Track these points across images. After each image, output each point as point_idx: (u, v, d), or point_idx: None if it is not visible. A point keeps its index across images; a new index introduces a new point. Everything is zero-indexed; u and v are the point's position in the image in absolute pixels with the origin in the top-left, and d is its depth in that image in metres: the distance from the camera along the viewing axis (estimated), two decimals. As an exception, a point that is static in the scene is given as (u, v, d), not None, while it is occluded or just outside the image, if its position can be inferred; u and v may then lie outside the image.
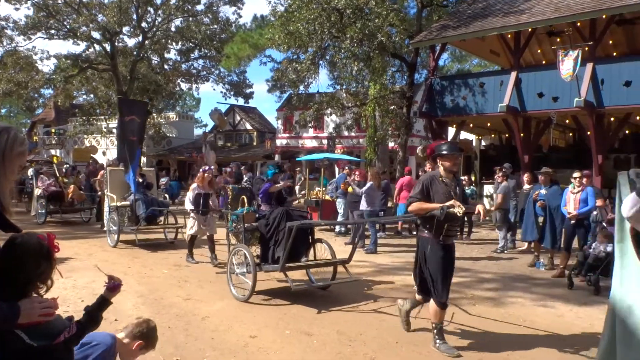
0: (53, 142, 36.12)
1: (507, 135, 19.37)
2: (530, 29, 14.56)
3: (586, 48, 13.06)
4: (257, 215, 6.64)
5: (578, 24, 13.63)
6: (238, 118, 35.09)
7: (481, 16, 15.70)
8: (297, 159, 23.90)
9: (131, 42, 27.96)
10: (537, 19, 13.80)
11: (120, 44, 26.55)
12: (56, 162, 16.55)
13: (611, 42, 16.81)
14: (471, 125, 18.81)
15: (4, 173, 1.93)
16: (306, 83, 17.02)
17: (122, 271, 7.58)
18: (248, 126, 34.88)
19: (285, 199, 7.18)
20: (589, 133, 13.95)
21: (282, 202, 6.94)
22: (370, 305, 5.99)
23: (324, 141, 26.62)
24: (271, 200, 6.79)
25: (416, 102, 17.80)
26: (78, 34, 24.38)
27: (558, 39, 15.02)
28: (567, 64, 12.85)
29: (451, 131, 18.12)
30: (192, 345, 4.56)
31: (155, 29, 26.62)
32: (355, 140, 25.64)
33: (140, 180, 10.30)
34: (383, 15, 14.55)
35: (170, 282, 7.00)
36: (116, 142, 28.40)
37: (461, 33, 15.27)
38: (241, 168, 16.04)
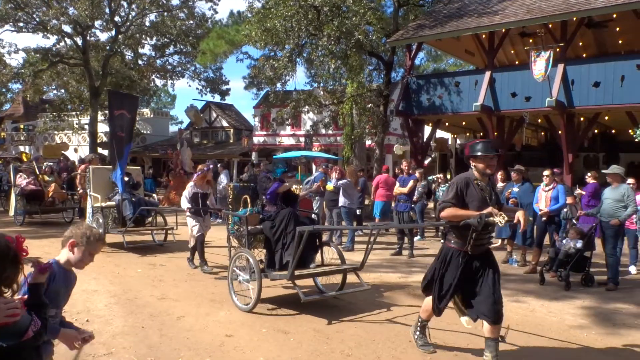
0: (22, 139, 35.14)
1: (482, 133, 19.67)
2: (503, 30, 14.81)
3: (557, 49, 13.35)
4: (262, 216, 6.22)
5: (550, 26, 13.93)
6: (214, 115, 34.74)
7: (456, 16, 15.89)
8: (275, 157, 23.77)
9: (104, 37, 27.56)
10: (510, 20, 14.05)
11: (92, 38, 25.92)
12: (26, 160, 16.12)
13: (581, 44, 17.24)
14: (447, 123, 19.05)
15: None
16: (283, 80, 16.94)
17: (95, 270, 7.43)
18: (224, 123, 34.57)
19: (294, 199, 6.69)
20: (560, 132, 14.29)
21: (291, 203, 6.41)
22: (347, 303, 6.01)
23: (302, 139, 26.58)
24: (277, 200, 6.30)
25: (393, 101, 17.92)
26: (48, 27, 23.72)
27: (531, 40, 15.32)
28: (539, 65, 13.13)
29: (427, 130, 18.32)
30: (167, 345, 4.50)
31: (128, 24, 26.11)
32: (332, 138, 25.66)
33: (126, 179, 9.65)
34: (360, 13, 14.59)
35: (144, 282, 6.90)
36: (88, 139, 27.83)
37: (437, 33, 15.44)
38: (218, 166, 15.89)
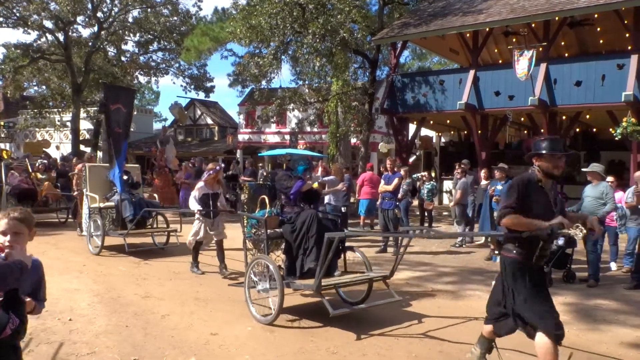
0: (2, 136, 34.50)
1: (466, 132, 19.87)
2: (487, 29, 14.95)
3: (540, 48, 13.51)
4: (281, 218, 5.69)
5: (533, 25, 14.10)
6: (199, 112, 34.49)
7: (441, 15, 16.00)
8: (260, 154, 23.75)
9: (86, 33, 27.04)
10: (494, 19, 14.18)
11: (74, 34, 25.54)
12: (6, 157, 15.76)
13: (563, 44, 17.47)
14: (431, 122, 19.17)
15: None
16: (268, 78, 16.89)
17: (77, 269, 7.35)
18: (209, 121, 34.35)
19: (317, 198, 6.23)
20: (543, 131, 14.46)
21: (312, 203, 5.92)
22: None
23: (287, 137, 26.53)
24: (298, 201, 5.80)
25: (378, 99, 17.98)
26: (29, 23, 23.29)
27: (514, 39, 15.49)
28: (523, 64, 13.28)
29: (412, 128, 18.42)
30: (151, 344, 4.46)
31: (111, 20, 25.77)
32: (317, 136, 25.66)
33: (125, 178, 9.08)
34: (345, 11, 14.60)
35: (128, 280, 6.83)
36: (70, 136, 27.44)
37: (422, 31, 15.52)
38: (202, 163, 15.78)
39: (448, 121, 19.09)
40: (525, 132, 21.39)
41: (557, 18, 13.69)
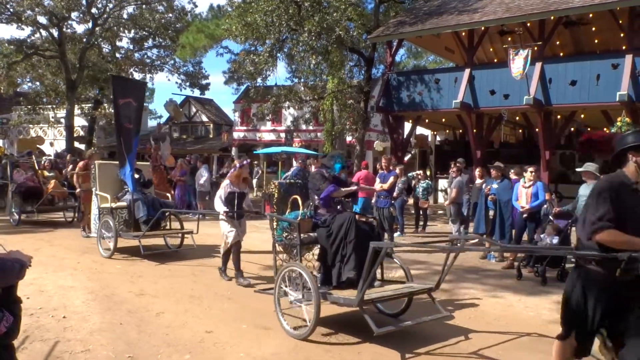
0: (-5, 132, 34.29)
1: (461, 130, 19.90)
2: (483, 28, 14.97)
3: (535, 48, 13.55)
4: (314, 221, 5.22)
5: (528, 24, 14.13)
6: (194, 110, 34.40)
7: (436, 13, 16.00)
8: (255, 152, 23.71)
9: (80, 29, 27.07)
10: (490, 18, 14.21)
11: (68, 30, 25.36)
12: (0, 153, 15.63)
13: (558, 43, 17.54)
14: (427, 120, 19.20)
15: None
16: (264, 75, 16.87)
17: (72, 267, 7.32)
18: (204, 118, 34.26)
19: (353, 196, 5.92)
20: (538, 130, 14.53)
21: (350, 202, 5.53)
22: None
23: (282, 134, 26.53)
24: (332, 203, 5.38)
25: (373, 97, 17.98)
26: (22, 18, 23.12)
27: (509, 38, 15.52)
28: (518, 63, 13.30)
29: (407, 126, 18.44)
30: (146, 341, 4.45)
31: (106, 16, 25.63)
32: (313, 134, 25.66)
33: (136, 176, 8.61)
34: (341, 9, 14.59)
35: (122, 278, 6.80)
36: (64, 133, 27.28)
37: (417, 29, 15.52)
38: (197, 161, 15.74)
39: (443, 120, 19.13)
40: (520, 131, 21.47)
41: (553, 17, 13.72)
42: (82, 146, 29.23)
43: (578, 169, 7.78)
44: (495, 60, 18.64)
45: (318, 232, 5.04)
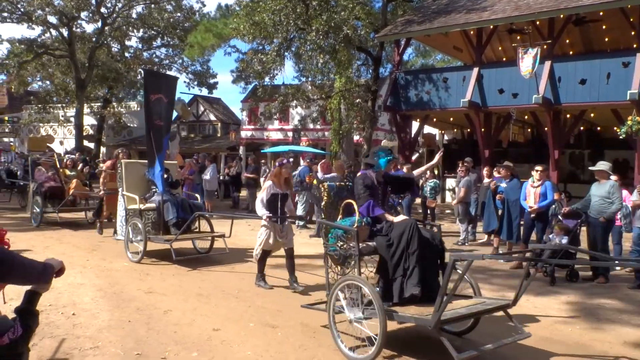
0: (6, 130, 34.60)
1: (469, 130, 19.80)
2: (491, 26, 14.88)
3: (545, 46, 13.45)
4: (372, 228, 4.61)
5: (537, 23, 14.03)
6: (202, 109, 34.50)
7: (445, 12, 15.93)
8: (262, 151, 23.76)
9: (90, 28, 27.20)
10: (498, 17, 14.12)
11: (78, 30, 25.63)
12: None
13: (568, 41, 17.39)
14: (434, 119, 19.13)
15: None
16: (271, 74, 16.87)
17: (81, 264, 7.37)
18: (212, 117, 34.36)
19: (410, 187, 5.29)
20: (546, 129, 14.42)
21: (406, 192, 5.15)
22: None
23: (289, 133, 26.53)
24: (385, 206, 4.85)
25: (381, 96, 17.94)
26: (33, 18, 23.37)
27: (518, 37, 15.42)
28: (527, 62, 13.21)
29: (415, 125, 18.38)
30: (154, 339, 4.47)
31: (115, 15, 25.83)
32: (320, 133, 25.65)
33: (164, 176, 8.16)
34: (349, 8, 14.57)
35: (131, 275, 6.84)
36: (74, 132, 27.50)
37: (425, 28, 15.46)
38: (205, 159, 15.79)
39: (451, 119, 19.05)
40: (529, 131, 21.32)
41: (562, 15, 13.61)
42: (92, 145, 29.47)
43: (591, 168, 7.69)
44: (504, 59, 18.53)
45: (377, 241, 4.47)
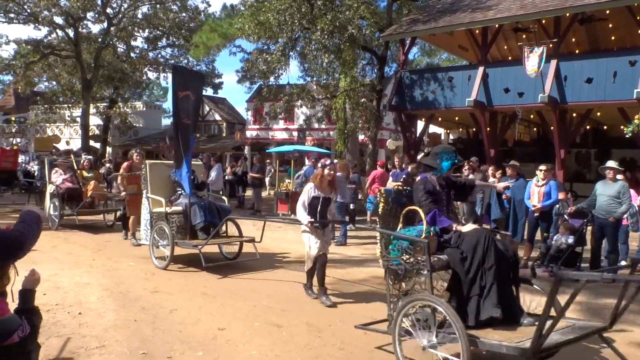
0: (13, 131, 34.85)
1: (474, 129, 19.74)
2: (497, 25, 14.82)
3: (550, 45, 13.38)
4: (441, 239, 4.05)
5: (543, 21, 13.96)
6: (207, 109, 34.60)
7: (450, 11, 15.89)
8: (267, 151, 23.78)
9: (96, 29, 27.46)
10: (504, 15, 14.06)
11: (84, 30, 25.73)
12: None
13: (574, 40, 17.29)
14: (440, 119, 19.07)
15: None
16: (276, 74, 16.91)
17: (87, 264, 7.42)
18: (217, 117, 34.46)
19: (471, 191, 4.72)
20: (552, 128, 14.34)
21: (466, 197, 4.50)
22: (336, 297, 6.02)
23: (294, 133, 26.55)
24: (446, 213, 4.28)
25: (386, 96, 17.91)
26: (39, 19, 23.50)
27: (524, 36, 15.34)
28: (533, 61, 13.15)
29: (420, 125, 18.34)
30: (160, 338, 4.50)
31: (121, 16, 25.92)
32: (325, 132, 25.65)
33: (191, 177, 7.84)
34: (354, 7, 14.56)
35: (137, 275, 6.88)
36: (80, 132, 27.65)
37: (430, 27, 15.42)
38: (211, 159, 15.82)
39: (457, 118, 18.99)
40: (534, 130, 21.23)
41: (568, 14, 13.53)
42: (97, 145, 29.62)
43: (606, 165, 7.58)
44: (509, 57, 18.44)
45: (449, 254, 3.93)
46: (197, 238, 7.36)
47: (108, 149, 30.46)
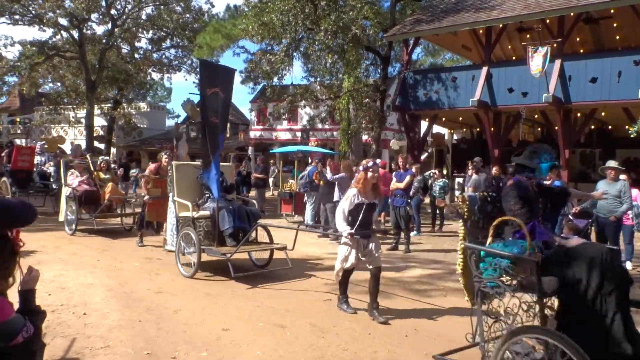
0: (18, 132, 35.03)
1: (478, 129, 19.71)
2: (500, 25, 14.80)
3: (554, 45, 13.35)
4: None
5: (547, 21, 13.94)
6: (210, 109, 34.66)
7: (453, 11, 15.87)
8: (271, 151, 23.83)
9: (100, 30, 27.53)
10: (508, 15, 14.04)
11: (88, 31, 25.89)
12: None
13: (578, 40, 17.24)
14: (443, 119, 19.05)
15: None
16: (280, 75, 16.93)
17: (91, 264, 7.44)
18: (221, 117, 34.49)
19: (566, 198, 4.19)
20: (557, 128, 14.31)
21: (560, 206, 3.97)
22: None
23: (298, 133, 26.59)
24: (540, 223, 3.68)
25: (389, 96, 17.91)
26: (44, 20, 23.63)
27: (528, 35, 15.31)
28: (537, 60, 13.13)
29: (424, 125, 18.33)
30: (164, 339, 4.51)
31: (125, 17, 26.04)
32: (329, 133, 25.67)
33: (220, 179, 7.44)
34: (357, 7, 14.57)
35: (141, 275, 6.90)
36: (84, 133, 27.77)
37: (434, 27, 15.42)
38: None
39: (460, 118, 18.97)
40: (539, 130, 21.18)
41: (572, 14, 13.50)
42: (102, 145, 29.74)
43: (607, 165, 7.57)
44: (513, 57, 18.41)
45: (559, 276, 3.24)
46: (225, 244, 6.97)
47: (112, 150, 30.58)
